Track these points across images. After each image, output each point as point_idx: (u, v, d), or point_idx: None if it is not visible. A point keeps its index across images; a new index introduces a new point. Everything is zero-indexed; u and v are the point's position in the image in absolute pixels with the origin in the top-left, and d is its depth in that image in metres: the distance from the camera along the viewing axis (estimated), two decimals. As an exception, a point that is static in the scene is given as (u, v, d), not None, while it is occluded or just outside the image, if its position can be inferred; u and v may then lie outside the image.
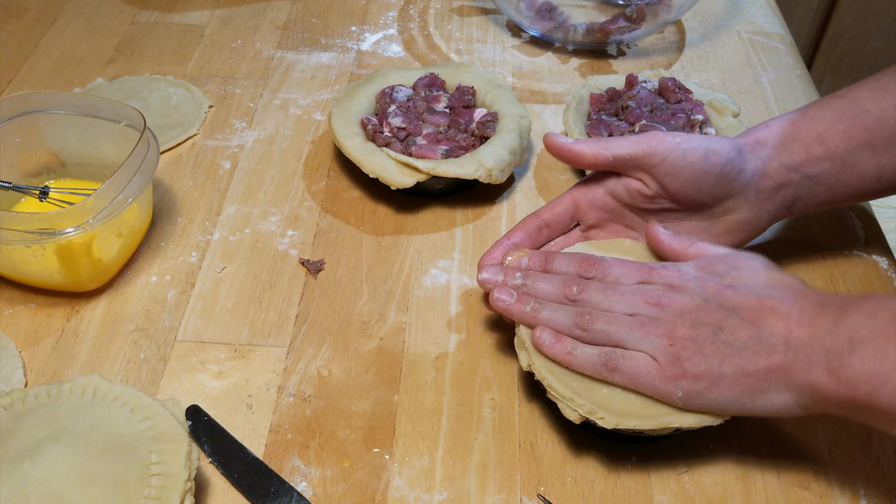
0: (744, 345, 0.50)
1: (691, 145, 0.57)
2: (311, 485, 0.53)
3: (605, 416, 0.51)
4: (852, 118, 0.59)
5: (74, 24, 0.93)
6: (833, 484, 0.54)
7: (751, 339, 0.50)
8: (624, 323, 0.52)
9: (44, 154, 0.70)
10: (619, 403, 0.52)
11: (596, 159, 0.59)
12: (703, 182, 0.58)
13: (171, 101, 0.82)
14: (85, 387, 0.51)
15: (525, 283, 0.56)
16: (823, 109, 0.60)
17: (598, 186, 0.61)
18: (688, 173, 0.57)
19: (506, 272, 0.57)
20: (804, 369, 0.48)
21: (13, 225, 0.58)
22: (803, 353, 0.48)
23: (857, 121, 0.59)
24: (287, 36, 0.93)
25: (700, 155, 0.57)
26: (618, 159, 0.59)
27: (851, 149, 0.59)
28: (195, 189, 0.74)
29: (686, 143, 0.58)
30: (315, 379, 0.59)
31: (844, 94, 0.61)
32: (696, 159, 0.57)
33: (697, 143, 0.58)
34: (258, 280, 0.66)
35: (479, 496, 0.53)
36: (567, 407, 0.52)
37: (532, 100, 0.85)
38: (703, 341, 0.50)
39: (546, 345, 0.53)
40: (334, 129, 0.72)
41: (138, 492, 0.46)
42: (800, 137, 0.59)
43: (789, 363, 0.49)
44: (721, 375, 0.50)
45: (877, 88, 0.60)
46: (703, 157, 0.57)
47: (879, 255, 0.69)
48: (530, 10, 0.90)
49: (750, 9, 1.00)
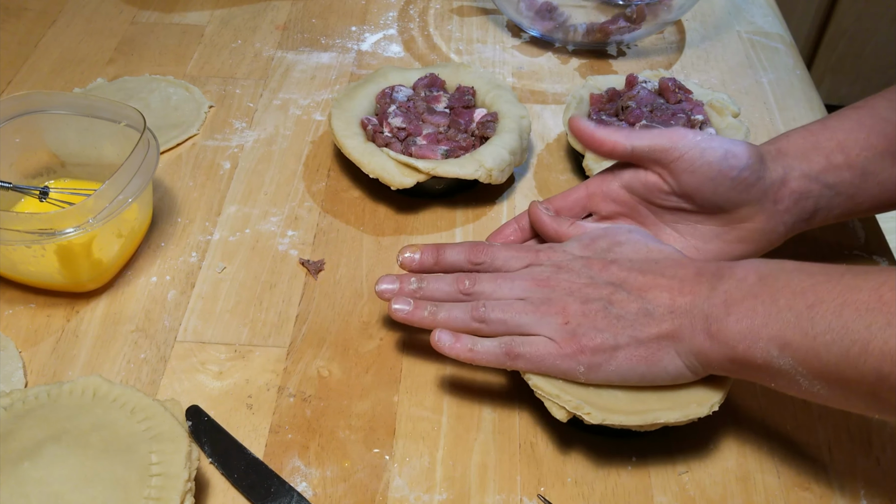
0: (634, 317, 0.52)
1: (711, 145, 0.58)
2: (311, 485, 0.53)
3: (591, 412, 0.51)
4: (871, 126, 0.59)
5: (74, 24, 0.93)
6: (833, 484, 0.54)
7: (640, 311, 0.52)
8: (518, 309, 0.54)
9: (44, 154, 0.70)
10: (606, 399, 0.53)
11: (615, 147, 0.60)
12: (720, 183, 0.58)
13: (171, 101, 0.82)
14: (85, 387, 0.51)
15: (420, 287, 0.57)
16: (843, 119, 0.60)
17: (615, 179, 0.62)
18: (704, 171, 0.57)
19: (401, 279, 0.58)
20: (689, 335, 0.51)
21: (13, 225, 0.58)
22: (687, 320, 0.51)
23: (876, 129, 0.59)
24: (287, 36, 0.93)
25: (719, 155, 0.57)
26: (636, 150, 0.59)
27: (872, 157, 0.59)
28: (195, 189, 0.74)
29: (706, 143, 0.58)
30: (315, 379, 0.59)
31: (862, 104, 0.61)
32: (714, 159, 0.57)
33: (718, 143, 0.58)
34: (258, 280, 0.66)
35: (479, 496, 0.53)
36: (554, 405, 0.53)
37: (532, 100, 0.85)
38: (595, 316, 0.53)
39: (446, 346, 0.54)
40: (334, 130, 0.72)
41: (138, 492, 0.46)
42: (820, 146, 0.59)
43: (676, 330, 0.51)
44: (617, 347, 0.52)
45: (894, 99, 0.60)
46: (721, 157, 0.57)
47: (879, 256, 0.69)
48: (530, 11, 0.90)
49: (750, 9, 1.00)
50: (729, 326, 0.49)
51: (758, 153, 0.58)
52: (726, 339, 0.49)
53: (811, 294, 0.47)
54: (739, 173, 0.57)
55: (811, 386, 0.47)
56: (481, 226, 0.71)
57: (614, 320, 0.52)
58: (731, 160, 0.57)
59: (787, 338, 0.47)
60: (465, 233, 0.70)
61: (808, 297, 0.47)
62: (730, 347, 0.49)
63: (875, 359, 0.43)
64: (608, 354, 0.52)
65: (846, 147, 0.59)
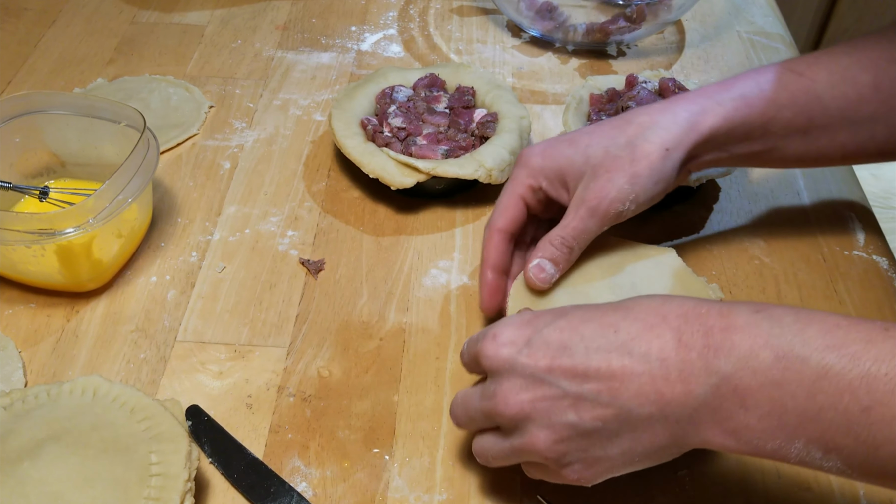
0: (614, 430, 0.43)
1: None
2: (311, 485, 0.53)
3: None
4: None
5: (74, 24, 0.93)
6: (833, 484, 0.54)
7: (616, 418, 0.42)
8: (490, 443, 0.49)
9: (44, 154, 0.70)
10: None
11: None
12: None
13: (171, 101, 0.82)
14: (85, 387, 0.51)
15: None
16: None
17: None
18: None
19: None
20: (694, 435, 0.42)
21: (13, 225, 0.58)
22: (688, 426, 0.42)
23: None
24: (287, 36, 0.93)
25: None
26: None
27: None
28: (195, 189, 0.74)
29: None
30: (315, 379, 0.59)
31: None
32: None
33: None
34: (258, 280, 0.66)
35: (479, 496, 0.53)
36: None
37: (532, 100, 0.85)
38: (568, 445, 0.44)
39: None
40: (334, 130, 0.72)
41: (138, 492, 0.46)
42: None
43: (675, 437, 0.42)
44: (612, 467, 0.45)
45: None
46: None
47: (879, 256, 0.69)
48: (530, 11, 0.90)
49: (750, 9, 1.00)
50: (750, 425, 0.40)
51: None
52: (749, 438, 0.41)
53: (863, 393, 0.38)
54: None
55: (858, 478, 0.40)
56: (481, 226, 0.71)
57: (592, 443, 0.44)
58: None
59: (836, 442, 0.39)
60: (464, 233, 0.70)
61: (860, 398, 0.38)
62: (754, 446, 0.41)
63: None
64: (604, 469, 0.45)
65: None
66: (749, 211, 0.73)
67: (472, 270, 0.67)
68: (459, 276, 0.67)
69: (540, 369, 0.44)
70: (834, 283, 0.67)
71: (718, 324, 0.41)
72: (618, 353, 0.43)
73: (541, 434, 0.45)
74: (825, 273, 0.68)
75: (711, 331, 0.41)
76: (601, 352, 0.43)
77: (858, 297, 0.66)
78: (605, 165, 0.56)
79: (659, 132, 0.57)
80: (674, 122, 0.57)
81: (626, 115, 0.59)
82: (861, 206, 0.74)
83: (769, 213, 0.73)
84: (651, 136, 0.57)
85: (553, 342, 0.44)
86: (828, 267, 0.68)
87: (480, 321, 0.63)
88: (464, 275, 0.67)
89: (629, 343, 0.43)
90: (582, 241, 0.57)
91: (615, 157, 0.56)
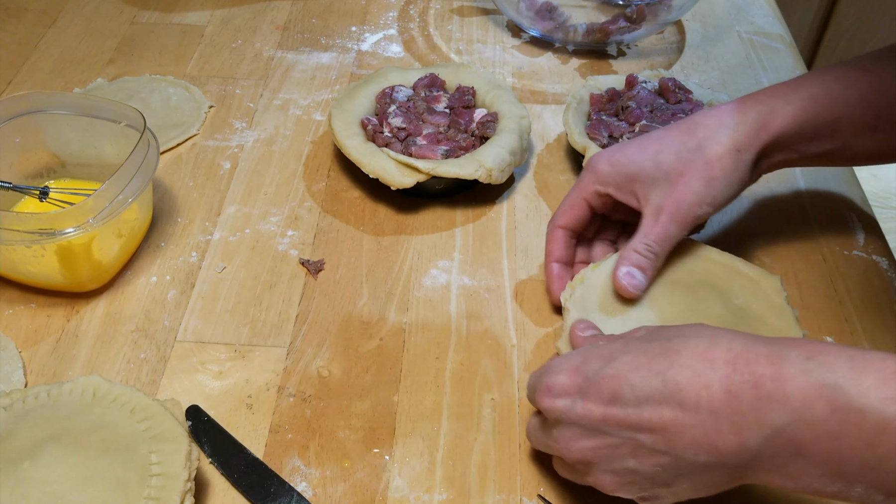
0: (675, 473, 0.43)
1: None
2: (311, 485, 0.53)
3: None
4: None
5: (74, 25, 0.93)
6: (833, 484, 0.54)
7: (671, 465, 0.43)
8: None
9: (44, 154, 0.70)
10: None
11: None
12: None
13: (171, 101, 0.82)
14: (85, 387, 0.51)
15: None
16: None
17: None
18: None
19: None
20: (753, 475, 0.43)
21: (13, 225, 0.58)
22: (746, 471, 0.42)
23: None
24: (287, 36, 0.93)
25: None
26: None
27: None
28: (195, 189, 0.74)
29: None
30: (315, 379, 0.59)
31: (795, 83, 0.62)
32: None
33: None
34: (258, 280, 0.66)
35: (479, 496, 0.53)
36: None
37: (532, 100, 0.85)
38: (631, 486, 0.46)
39: None
40: (334, 130, 0.72)
41: (138, 492, 0.46)
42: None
43: (734, 477, 0.43)
44: (675, 494, 0.45)
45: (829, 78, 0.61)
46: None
47: (879, 256, 0.69)
48: (530, 11, 0.90)
49: (750, 9, 1.00)
50: (808, 471, 0.40)
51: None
52: (809, 482, 0.41)
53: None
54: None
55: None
56: (481, 226, 0.71)
57: (656, 483, 0.45)
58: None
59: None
60: (464, 233, 0.70)
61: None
62: (815, 489, 0.41)
63: None
64: (669, 499, 0.46)
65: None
66: (749, 211, 0.73)
67: (472, 270, 0.67)
68: (459, 276, 0.67)
69: (595, 421, 0.45)
70: (834, 283, 0.67)
71: (769, 372, 0.41)
72: (668, 405, 0.42)
73: (605, 478, 0.46)
74: (825, 273, 0.68)
75: (762, 380, 0.41)
76: (652, 403, 0.43)
77: (858, 297, 0.66)
78: (679, 170, 0.58)
79: (729, 133, 0.58)
80: (743, 123, 0.58)
81: (694, 117, 0.60)
82: (861, 206, 0.74)
83: (769, 213, 0.73)
84: (721, 137, 0.58)
85: (604, 392, 0.45)
86: (828, 267, 0.68)
87: (481, 321, 0.63)
88: (464, 275, 0.67)
89: (678, 395, 0.42)
90: (666, 246, 0.58)
91: (687, 161, 0.58)
